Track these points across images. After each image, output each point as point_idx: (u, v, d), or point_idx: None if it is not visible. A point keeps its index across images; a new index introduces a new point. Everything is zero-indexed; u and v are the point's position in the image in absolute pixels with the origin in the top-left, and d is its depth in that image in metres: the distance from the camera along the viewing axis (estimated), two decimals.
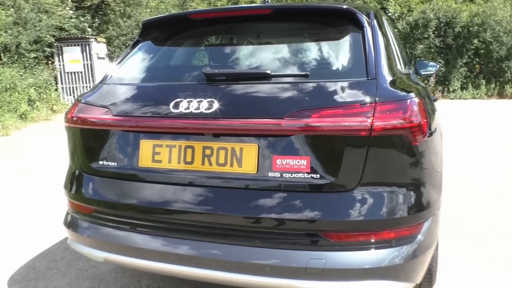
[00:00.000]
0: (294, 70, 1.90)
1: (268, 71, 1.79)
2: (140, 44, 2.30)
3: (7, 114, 9.47)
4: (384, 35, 2.05)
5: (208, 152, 1.75)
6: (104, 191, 1.97)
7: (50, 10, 12.60)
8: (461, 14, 13.63)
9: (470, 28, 13.58)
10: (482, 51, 13.67)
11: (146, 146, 1.85)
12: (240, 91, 1.79)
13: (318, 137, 1.64)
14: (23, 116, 10.01)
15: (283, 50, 2.09)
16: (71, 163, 2.14)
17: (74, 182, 2.09)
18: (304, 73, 1.78)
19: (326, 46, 2.03)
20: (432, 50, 13.86)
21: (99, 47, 13.42)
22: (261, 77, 1.82)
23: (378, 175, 1.64)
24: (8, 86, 10.05)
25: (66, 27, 13.23)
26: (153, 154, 1.84)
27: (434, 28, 13.68)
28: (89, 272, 2.74)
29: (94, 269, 2.78)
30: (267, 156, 1.69)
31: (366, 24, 1.90)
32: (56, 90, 12.58)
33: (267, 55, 2.08)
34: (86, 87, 13.13)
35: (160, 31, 2.31)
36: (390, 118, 1.60)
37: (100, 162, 1.96)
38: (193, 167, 1.77)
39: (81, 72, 13.09)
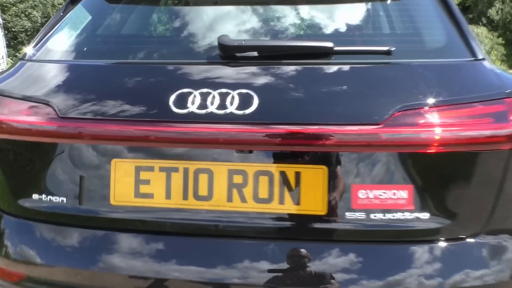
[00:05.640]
0: (366, 44, 1.22)
1: (330, 44, 1.11)
2: (84, 1, 1.43)
3: None
4: None
5: (238, 180, 1.04)
6: (45, 247, 1.15)
7: None
8: None
9: None
10: None
11: (123, 170, 1.08)
12: (292, 76, 1.08)
13: (430, 154, 1.02)
14: None
15: (338, 14, 1.37)
16: None
17: None
18: (385, 48, 1.11)
19: (399, 11, 1.38)
20: None
21: None
22: (318, 53, 1.12)
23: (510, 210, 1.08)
24: None
25: None
26: (136, 183, 1.07)
27: None
28: None
29: None
30: (342, 185, 1.03)
31: None
32: None
33: (315, 20, 1.36)
34: None
35: None
36: None
37: (36, 197, 1.14)
38: (212, 205, 1.05)
39: None
